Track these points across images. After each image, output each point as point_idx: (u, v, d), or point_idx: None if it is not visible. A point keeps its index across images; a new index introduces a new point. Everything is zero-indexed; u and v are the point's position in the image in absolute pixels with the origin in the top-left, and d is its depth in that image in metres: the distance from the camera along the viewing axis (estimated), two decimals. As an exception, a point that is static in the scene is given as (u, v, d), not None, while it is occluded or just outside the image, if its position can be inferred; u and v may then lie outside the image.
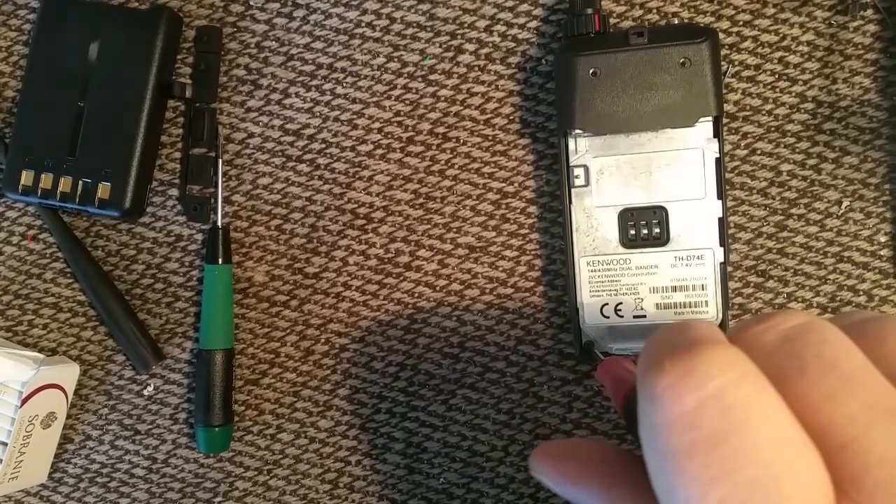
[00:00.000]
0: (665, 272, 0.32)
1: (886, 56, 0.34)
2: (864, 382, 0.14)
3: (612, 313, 0.33)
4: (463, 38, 0.36)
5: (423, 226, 0.36)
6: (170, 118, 0.38)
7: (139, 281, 0.38)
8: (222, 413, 0.36)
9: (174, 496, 0.38)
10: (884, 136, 0.34)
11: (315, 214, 0.37)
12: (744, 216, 0.35)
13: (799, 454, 0.14)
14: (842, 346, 0.15)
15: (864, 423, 0.14)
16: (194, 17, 0.37)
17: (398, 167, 0.36)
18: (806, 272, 0.34)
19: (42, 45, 0.36)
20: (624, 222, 0.33)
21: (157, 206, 0.38)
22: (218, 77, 0.37)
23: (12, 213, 0.39)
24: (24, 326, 0.39)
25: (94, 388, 0.38)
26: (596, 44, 0.32)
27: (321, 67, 0.37)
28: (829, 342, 0.15)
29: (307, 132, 0.37)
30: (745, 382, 0.14)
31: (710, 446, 0.14)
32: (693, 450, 0.14)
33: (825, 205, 0.34)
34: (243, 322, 0.38)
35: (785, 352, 0.15)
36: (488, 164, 0.36)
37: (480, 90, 0.36)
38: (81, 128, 0.36)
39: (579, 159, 0.33)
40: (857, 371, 0.15)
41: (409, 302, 0.36)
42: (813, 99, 0.34)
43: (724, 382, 0.14)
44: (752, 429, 0.14)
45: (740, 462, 0.13)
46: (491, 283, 0.36)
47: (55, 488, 0.39)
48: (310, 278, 0.37)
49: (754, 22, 0.34)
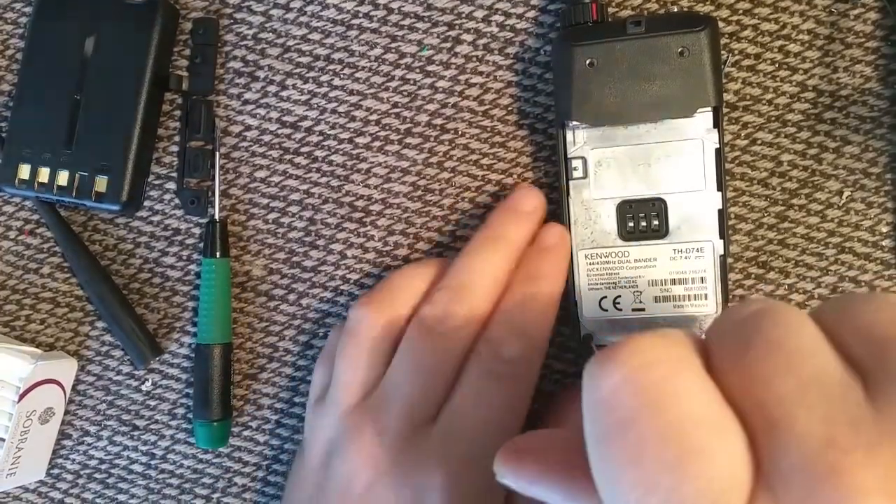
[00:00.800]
0: (664, 265, 0.32)
1: (887, 44, 0.33)
2: (805, 361, 0.14)
3: (611, 306, 0.33)
4: (461, 28, 0.36)
5: (422, 218, 0.36)
6: (166, 111, 0.38)
7: (137, 275, 0.38)
8: (221, 408, 0.36)
9: (173, 492, 0.38)
10: (885, 125, 0.33)
11: (313, 207, 0.37)
12: (744, 207, 0.34)
13: (715, 435, 0.14)
14: (792, 327, 0.15)
15: (792, 403, 0.14)
16: (191, 8, 0.37)
17: (396, 159, 0.36)
18: (807, 263, 0.34)
19: (38, 39, 0.36)
20: (622, 215, 0.32)
21: (155, 200, 0.38)
22: (215, 69, 0.37)
23: (9, 207, 0.38)
24: (22, 321, 0.39)
25: (92, 383, 0.38)
26: (593, 33, 0.32)
27: (318, 59, 0.37)
28: (779, 324, 0.15)
29: (304, 124, 0.37)
30: (662, 365, 0.14)
31: (624, 428, 0.14)
32: (610, 432, 0.14)
33: (826, 195, 0.34)
34: (241, 316, 0.37)
35: (735, 336, 0.15)
36: (487, 156, 0.36)
37: (478, 81, 0.36)
38: (78, 121, 0.35)
39: (577, 151, 0.33)
40: (801, 350, 0.14)
41: (407, 295, 0.36)
42: (813, 88, 0.34)
43: (639, 365, 0.14)
44: (664, 410, 0.14)
45: (652, 443, 0.14)
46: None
47: (53, 484, 0.39)
48: (308, 271, 0.37)
49: (754, 10, 0.34)
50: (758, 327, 0.15)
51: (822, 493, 0.12)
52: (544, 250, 0.32)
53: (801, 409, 0.13)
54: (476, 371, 0.30)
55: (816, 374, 0.14)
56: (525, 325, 0.31)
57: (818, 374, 0.14)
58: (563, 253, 0.32)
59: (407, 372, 0.30)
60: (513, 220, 0.33)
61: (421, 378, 0.30)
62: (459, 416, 0.29)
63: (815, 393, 0.14)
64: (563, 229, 0.32)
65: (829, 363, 0.14)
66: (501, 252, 0.32)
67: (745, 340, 0.15)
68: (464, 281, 0.31)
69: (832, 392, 0.14)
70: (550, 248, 0.32)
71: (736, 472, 0.13)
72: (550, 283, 0.32)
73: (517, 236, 0.32)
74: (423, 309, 0.31)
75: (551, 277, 0.32)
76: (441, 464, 0.29)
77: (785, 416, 0.14)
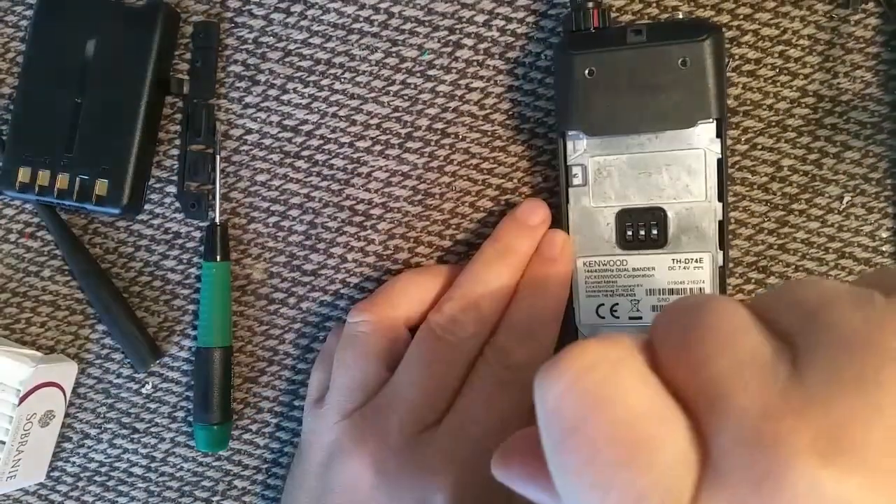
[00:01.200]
0: (662, 275, 0.32)
1: (888, 50, 0.33)
2: (738, 341, 0.15)
3: (608, 314, 0.33)
4: (461, 32, 0.36)
5: (422, 222, 0.36)
6: (167, 114, 0.38)
7: (137, 278, 0.38)
8: (220, 411, 0.36)
9: (172, 495, 0.38)
10: (885, 130, 0.33)
11: (313, 211, 0.37)
12: (744, 212, 0.34)
13: (660, 425, 0.14)
14: (725, 313, 0.15)
15: (728, 380, 0.14)
16: (191, 12, 0.37)
17: (397, 163, 0.36)
18: (807, 268, 0.34)
19: (38, 42, 0.36)
20: (622, 223, 0.32)
21: (155, 203, 0.38)
22: (215, 73, 0.37)
23: (9, 210, 0.38)
24: (22, 324, 0.39)
25: (92, 386, 0.38)
26: (593, 41, 0.31)
27: (319, 63, 0.37)
28: (713, 311, 0.16)
29: (305, 128, 0.37)
30: (601, 367, 0.15)
31: (574, 433, 0.14)
32: (561, 440, 0.14)
33: (826, 200, 0.34)
34: (241, 319, 0.37)
35: (674, 327, 0.16)
36: (487, 160, 0.36)
37: (479, 85, 0.36)
38: (78, 124, 0.36)
39: (577, 158, 0.32)
40: (734, 331, 0.15)
41: (407, 299, 0.36)
42: (814, 93, 0.34)
43: (579, 370, 0.15)
44: (608, 409, 0.14)
45: (601, 444, 0.14)
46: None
47: (53, 487, 0.39)
48: (308, 275, 0.37)
49: (755, 15, 0.34)
50: (694, 316, 0.16)
51: (760, 462, 0.13)
52: (549, 259, 0.32)
53: (736, 385, 0.14)
54: (483, 377, 0.30)
55: (749, 351, 0.15)
56: (532, 332, 0.31)
57: (750, 351, 0.15)
58: (567, 261, 0.32)
59: (413, 377, 0.31)
60: (521, 232, 0.33)
61: (427, 384, 0.30)
62: (466, 422, 0.30)
63: (748, 369, 0.14)
64: (567, 238, 0.33)
65: (760, 341, 0.15)
66: (509, 264, 0.32)
67: (684, 329, 0.16)
68: (473, 291, 0.32)
69: (764, 366, 0.14)
70: (555, 257, 0.32)
71: (685, 458, 0.14)
72: (555, 291, 0.32)
73: (524, 249, 0.33)
74: (433, 317, 0.32)
75: (556, 286, 0.32)
76: (447, 467, 0.29)
77: (722, 393, 0.14)
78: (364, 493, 0.29)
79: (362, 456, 0.30)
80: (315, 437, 0.32)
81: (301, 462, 0.33)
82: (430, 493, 0.29)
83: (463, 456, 0.29)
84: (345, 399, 0.32)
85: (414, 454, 0.29)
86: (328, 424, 0.32)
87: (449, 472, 0.29)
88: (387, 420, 0.30)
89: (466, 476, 0.29)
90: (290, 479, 0.34)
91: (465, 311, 0.31)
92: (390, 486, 0.29)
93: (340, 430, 0.31)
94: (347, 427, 0.31)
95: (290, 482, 0.34)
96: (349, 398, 0.32)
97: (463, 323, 0.31)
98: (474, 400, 0.30)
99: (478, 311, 0.31)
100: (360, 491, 0.29)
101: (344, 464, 0.30)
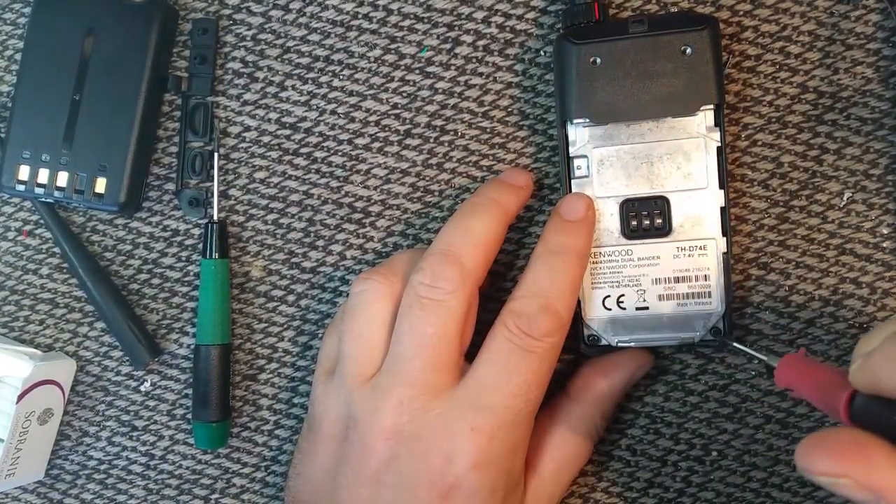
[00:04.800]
0: (667, 263, 0.32)
1: (889, 46, 0.33)
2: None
3: (614, 305, 0.33)
4: (460, 29, 0.35)
5: (421, 219, 0.36)
6: (165, 112, 0.38)
7: (136, 276, 0.38)
8: (219, 409, 0.36)
9: (171, 492, 0.38)
10: (886, 126, 0.33)
11: (312, 208, 0.37)
12: (745, 208, 0.34)
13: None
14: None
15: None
16: (190, 9, 0.37)
17: (396, 160, 0.36)
18: (808, 265, 0.34)
19: (37, 40, 0.36)
20: (625, 213, 0.32)
21: (154, 201, 0.38)
22: (214, 70, 0.37)
23: (8, 207, 0.38)
24: (21, 322, 0.38)
25: (91, 384, 0.38)
26: (596, 32, 0.32)
27: (318, 60, 0.36)
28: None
29: (304, 125, 0.37)
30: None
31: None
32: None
33: (827, 196, 0.34)
34: (240, 317, 0.37)
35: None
36: (486, 157, 0.36)
37: (478, 82, 0.36)
38: (77, 122, 0.35)
39: (580, 150, 0.33)
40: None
41: (407, 296, 0.36)
42: (814, 89, 0.34)
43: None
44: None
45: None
46: (489, 276, 0.35)
47: (52, 485, 0.39)
48: (307, 272, 0.37)
49: (754, 12, 0.34)
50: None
51: None
52: (570, 222, 0.32)
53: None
54: (504, 344, 0.30)
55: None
56: (553, 300, 0.30)
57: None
58: (590, 226, 0.32)
59: (412, 349, 0.30)
60: (500, 188, 0.33)
61: (426, 351, 0.30)
62: (488, 390, 0.29)
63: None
64: (591, 201, 0.32)
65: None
66: (488, 214, 0.31)
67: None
68: (450, 243, 0.31)
69: None
70: (578, 220, 0.32)
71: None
72: (577, 256, 0.31)
73: (505, 201, 0.32)
74: (414, 277, 0.30)
75: (578, 251, 0.31)
76: (469, 433, 0.29)
77: None
78: (384, 459, 0.29)
79: (379, 424, 0.29)
80: (327, 408, 0.32)
81: (312, 434, 0.32)
82: (455, 457, 0.29)
83: (486, 422, 0.29)
84: (356, 368, 0.31)
85: (431, 419, 0.29)
86: (341, 395, 0.31)
87: (473, 438, 0.29)
88: (397, 389, 0.30)
89: (490, 442, 0.29)
90: (298, 452, 0.33)
91: (444, 265, 0.30)
92: (411, 452, 0.29)
93: (353, 402, 0.30)
94: (360, 399, 0.30)
95: (298, 456, 0.33)
96: (360, 368, 0.31)
97: (443, 278, 0.30)
98: (495, 368, 0.30)
99: (457, 264, 0.30)
100: (379, 457, 0.29)
101: (360, 432, 0.30)
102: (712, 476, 0.35)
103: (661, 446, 0.35)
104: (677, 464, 0.35)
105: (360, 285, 0.32)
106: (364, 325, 0.31)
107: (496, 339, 0.30)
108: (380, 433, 0.29)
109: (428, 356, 0.30)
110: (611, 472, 0.36)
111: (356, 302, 0.32)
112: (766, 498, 0.34)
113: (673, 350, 0.35)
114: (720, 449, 0.35)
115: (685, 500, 0.35)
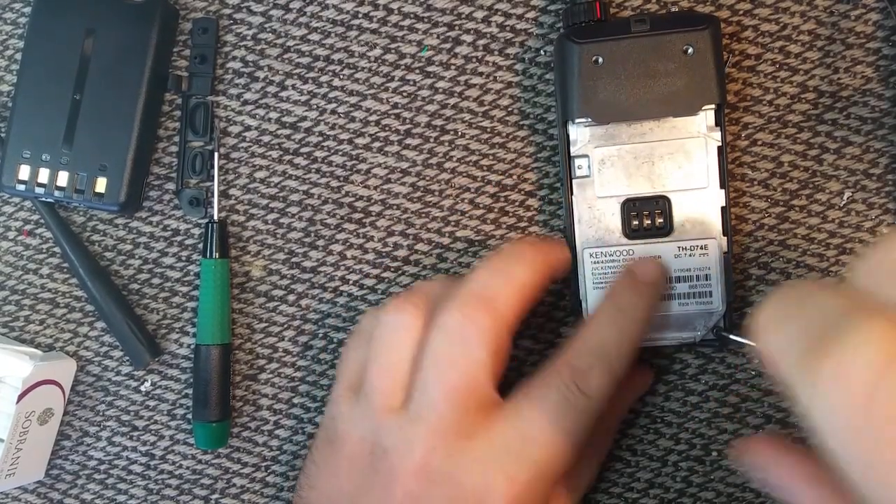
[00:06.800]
0: (668, 262, 0.32)
1: (888, 45, 0.33)
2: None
3: None
4: (460, 28, 0.35)
5: (422, 219, 0.36)
6: (166, 111, 0.38)
7: (136, 275, 0.38)
8: (219, 409, 0.36)
9: (172, 492, 0.38)
10: (886, 126, 0.33)
11: (312, 208, 0.37)
12: (745, 208, 0.34)
13: None
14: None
15: None
16: (190, 9, 0.37)
17: (396, 160, 0.36)
18: (808, 264, 0.34)
19: (37, 39, 0.36)
20: (627, 213, 0.32)
21: (154, 201, 0.38)
22: (214, 69, 0.37)
23: (8, 207, 0.38)
24: (21, 322, 0.38)
25: (91, 384, 0.38)
26: (597, 31, 0.32)
27: (318, 59, 0.36)
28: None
29: (304, 125, 0.37)
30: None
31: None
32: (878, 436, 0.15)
33: (827, 196, 0.34)
34: (241, 317, 0.37)
35: None
36: (486, 157, 0.36)
37: (478, 82, 0.36)
38: (77, 122, 0.35)
39: (581, 149, 0.33)
40: None
41: (407, 296, 0.36)
42: (814, 89, 0.34)
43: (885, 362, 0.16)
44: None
45: None
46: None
47: (52, 485, 0.39)
48: (307, 272, 0.37)
49: (754, 11, 0.34)
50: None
51: None
52: (641, 284, 0.31)
53: None
54: (556, 396, 0.29)
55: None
56: (615, 362, 0.30)
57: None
58: (659, 291, 0.32)
59: (438, 390, 0.29)
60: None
61: (452, 397, 0.29)
62: (532, 442, 0.28)
63: None
64: (663, 266, 0.32)
65: None
66: (522, 263, 0.31)
67: None
68: (482, 286, 0.30)
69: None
70: (651, 283, 0.31)
71: None
72: (644, 319, 0.31)
73: (538, 258, 0.31)
74: (440, 318, 0.30)
75: (642, 312, 0.31)
76: (505, 482, 0.28)
77: None
78: (408, 499, 0.28)
79: (409, 462, 0.28)
80: (351, 429, 0.31)
81: (332, 450, 0.31)
82: (489, 497, 0.28)
83: (525, 471, 0.28)
84: (383, 401, 0.30)
85: (468, 467, 0.28)
86: (366, 419, 0.30)
87: (509, 483, 0.28)
88: (429, 428, 0.29)
89: (527, 491, 0.28)
90: (313, 464, 0.32)
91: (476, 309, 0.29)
92: (439, 496, 0.28)
93: (382, 432, 0.29)
94: (389, 429, 0.29)
95: (313, 468, 0.32)
96: (387, 401, 0.30)
97: (474, 322, 0.29)
98: (541, 419, 0.29)
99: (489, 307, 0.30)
100: (403, 495, 0.28)
101: (389, 467, 0.29)
102: (712, 476, 0.35)
103: (661, 446, 0.35)
104: (678, 464, 0.35)
105: (394, 314, 0.31)
106: (395, 356, 0.30)
107: (549, 388, 0.29)
108: (410, 468, 0.28)
109: (454, 403, 0.29)
110: (611, 472, 0.36)
111: (387, 331, 0.31)
112: (766, 498, 0.35)
113: (673, 350, 0.35)
114: (720, 449, 0.35)
115: (685, 501, 0.35)
